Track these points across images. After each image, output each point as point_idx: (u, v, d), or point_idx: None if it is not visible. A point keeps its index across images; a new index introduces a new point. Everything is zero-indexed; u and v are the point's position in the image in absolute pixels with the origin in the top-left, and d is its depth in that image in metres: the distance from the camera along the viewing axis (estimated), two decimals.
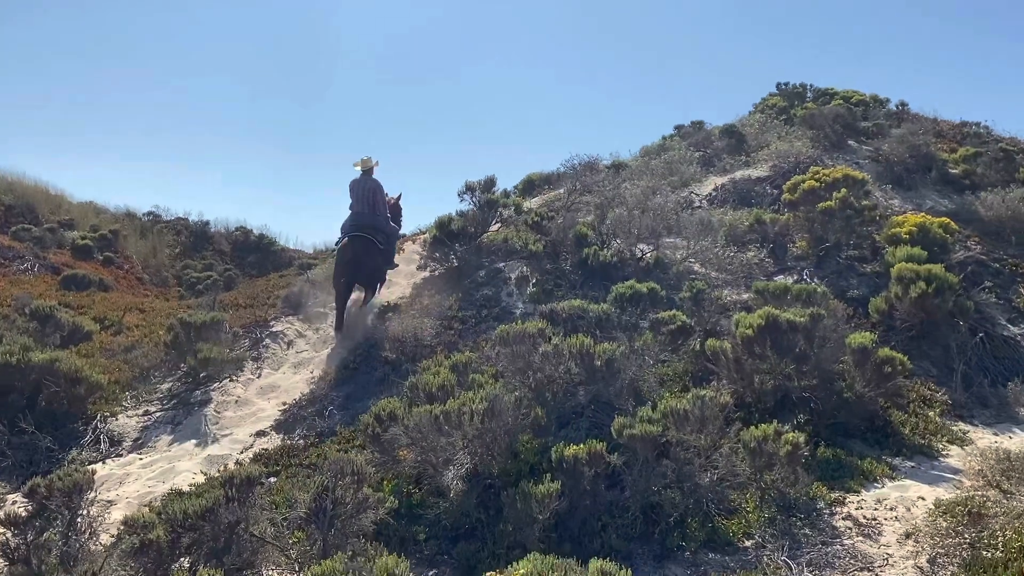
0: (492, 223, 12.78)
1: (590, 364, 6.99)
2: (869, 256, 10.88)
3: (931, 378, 8.49)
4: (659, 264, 10.76)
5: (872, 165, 14.76)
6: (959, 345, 8.88)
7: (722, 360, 7.56)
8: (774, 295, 8.59)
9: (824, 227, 11.17)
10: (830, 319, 7.76)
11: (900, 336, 8.92)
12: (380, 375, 9.00)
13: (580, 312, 8.22)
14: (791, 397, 7.25)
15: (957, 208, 13.01)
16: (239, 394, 9.45)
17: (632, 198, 12.83)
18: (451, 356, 7.97)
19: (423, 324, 9.76)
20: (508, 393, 6.45)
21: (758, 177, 14.45)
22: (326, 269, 13.67)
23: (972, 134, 17.20)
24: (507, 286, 11.03)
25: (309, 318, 11.48)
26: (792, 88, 21.29)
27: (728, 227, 11.84)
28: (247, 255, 21.28)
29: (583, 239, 11.20)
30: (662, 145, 18.77)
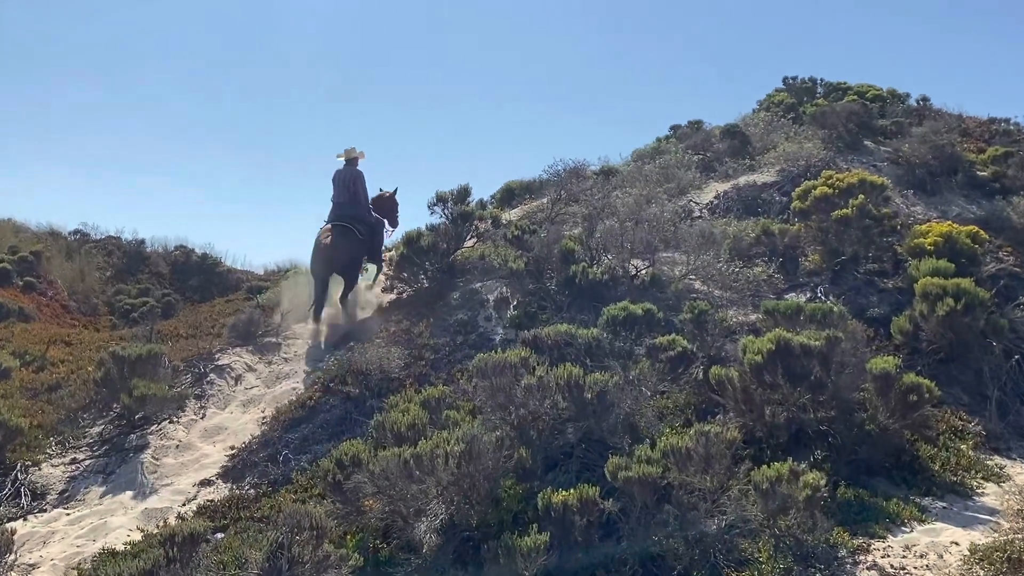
0: (467, 238, 12.79)
1: (580, 397, 6.97)
2: (890, 270, 10.98)
3: (962, 406, 8.55)
4: (655, 282, 10.80)
5: (891, 168, 14.93)
6: (992, 369, 8.95)
7: (728, 390, 7.56)
8: (785, 316, 8.63)
9: (839, 238, 11.26)
10: (848, 342, 7.79)
11: (926, 360, 8.98)
12: (341, 413, 8.95)
13: (567, 338, 8.20)
14: (806, 431, 7.26)
15: (987, 215, 13.15)
16: (180, 438, 9.36)
17: (624, 208, 12.89)
18: (422, 390, 7.93)
19: (390, 354, 9.72)
20: (488, 432, 6.42)
21: (764, 183, 14.57)
22: (278, 293, 13.63)
23: (1001, 132, 17.45)
24: (485, 309, 11.03)
25: (260, 349, 11.41)
26: (800, 83, 21.53)
27: (732, 239, 11.91)
28: (189, 278, 21.16)
29: (570, 255, 11.21)
30: (657, 148, 18.91)
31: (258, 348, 11.45)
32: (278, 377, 10.61)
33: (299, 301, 12.66)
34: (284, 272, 18.31)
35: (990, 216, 13.06)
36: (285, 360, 11.10)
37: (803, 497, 5.89)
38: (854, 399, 7.47)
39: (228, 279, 21.10)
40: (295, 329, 11.97)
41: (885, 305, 10.23)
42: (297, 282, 14.11)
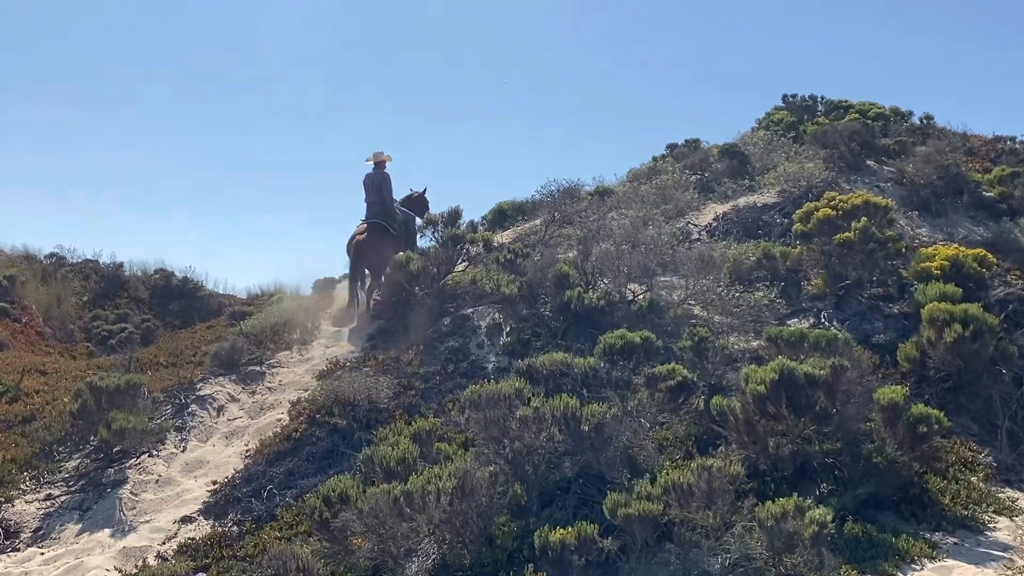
0: (458, 262, 12.79)
1: (576, 430, 6.96)
2: (895, 295, 11.00)
3: (972, 437, 8.55)
4: (653, 307, 10.78)
5: (895, 189, 15.00)
6: (1003, 397, 8.95)
7: (730, 421, 7.55)
8: (788, 343, 8.63)
9: (843, 262, 11.29)
10: (854, 371, 7.80)
11: (934, 388, 9.00)
12: (328, 446, 8.90)
13: (563, 368, 8.19)
14: (812, 463, 7.26)
15: (994, 237, 13.21)
16: (160, 472, 9.29)
17: (620, 230, 12.89)
18: (412, 422, 7.91)
19: (379, 383, 9.69)
20: (481, 467, 6.40)
21: (765, 204, 14.61)
22: (263, 318, 13.60)
23: (1008, 151, 17.57)
24: (477, 336, 11.01)
25: (243, 379, 11.36)
26: (800, 100, 21.67)
27: (732, 263, 11.92)
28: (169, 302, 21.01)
29: (564, 279, 11.21)
30: (653, 167, 18.93)
31: (241, 377, 11.39)
32: (262, 408, 10.55)
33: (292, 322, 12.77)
34: (268, 296, 18.25)
35: (997, 238, 13.12)
36: (269, 390, 11.04)
37: (809, 534, 5.86)
38: (861, 430, 7.47)
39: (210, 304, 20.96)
40: (280, 357, 11.93)
41: (891, 331, 10.25)
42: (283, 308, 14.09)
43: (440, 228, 12.91)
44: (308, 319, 13.19)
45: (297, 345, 12.34)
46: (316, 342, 12.45)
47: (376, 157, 13.88)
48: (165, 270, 22.61)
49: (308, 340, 12.51)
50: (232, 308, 18.60)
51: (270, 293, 18.53)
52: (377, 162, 13.89)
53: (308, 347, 12.29)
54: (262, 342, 12.53)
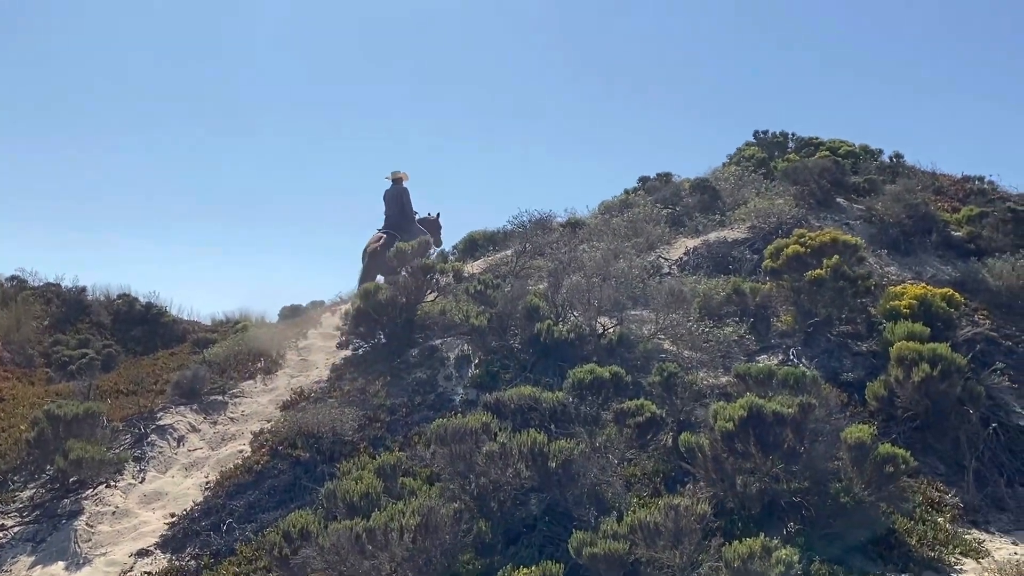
0: (427, 292, 12.74)
1: (543, 466, 6.92)
2: (864, 333, 11.08)
3: (939, 477, 8.61)
4: (623, 341, 10.79)
5: (864, 227, 15.17)
6: (970, 437, 9.04)
7: (699, 458, 7.54)
8: (757, 380, 8.65)
9: (812, 299, 11.36)
10: (822, 409, 7.83)
11: (902, 427, 9.05)
12: (290, 479, 8.80)
13: (531, 402, 8.16)
14: (779, 502, 7.25)
15: (962, 276, 13.38)
16: (117, 503, 9.14)
17: (591, 263, 12.93)
18: (377, 456, 7.85)
19: (343, 415, 9.60)
20: (446, 503, 6.34)
21: (735, 239, 14.72)
22: (228, 346, 13.49)
23: (976, 191, 17.84)
24: (445, 368, 10.96)
25: (205, 408, 11.23)
26: (772, 137, 21.92)
27: (702, 297, 11.96)
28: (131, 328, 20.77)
29: (534, 311, 11.20)
30: (625, 200, 19.04)
31: (203, 407, 11.25)
32: (223, 439, 10.43)
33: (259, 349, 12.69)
34: (234, 323, 18.11)
35: (965, 278, 13.28)
36: (231, 420, 10.92)
37: (776, 574, 5.84)
38: (828, 469, 7.48)
39: (173, 330, 20.75)
40: (243, 387, 11.81)
41: (859, 369, 10.31)
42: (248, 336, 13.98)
43: (409, 258, 12.86)
44: (273, 348, 13.08)
45: (261, 374, 12.23)
46: (281, 371, 12.35)
47: (395, 175, 15.68)
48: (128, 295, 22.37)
49: (273, 369, 12.41)
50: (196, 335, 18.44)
51: (235, 320, 18.40)
52: (395, 179, 15.65)
53: (273, 376, 12.18)
54: (225, 371, 12.41)
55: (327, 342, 13.26)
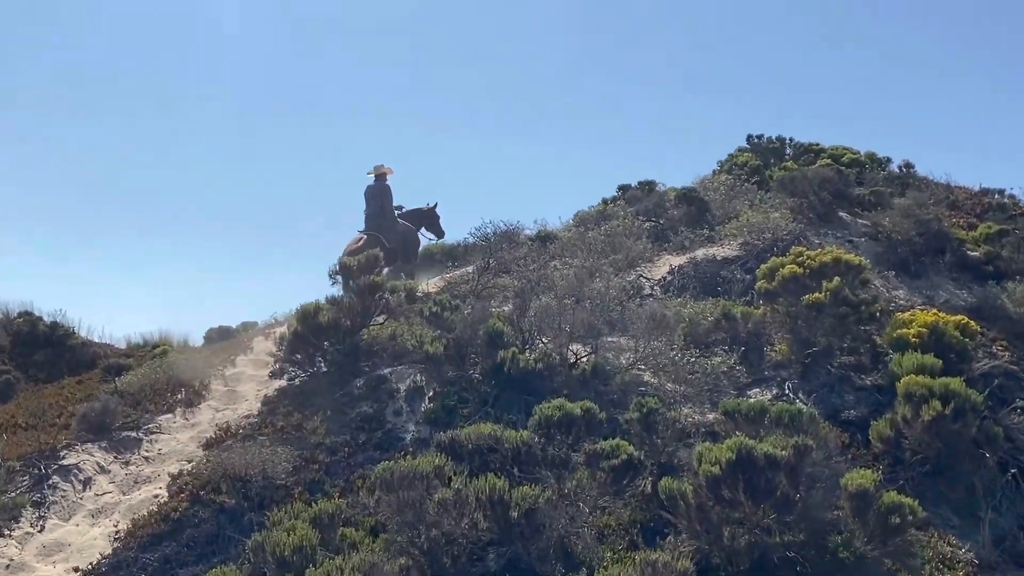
0: (375, 314, 12.71)
1: (504, 516, 6.91)
2: (868, 364, 11.17)
3: (951, 529, 8.66)
4: (598, 372, 10.82)
5: (870, 245, 15.32)
6: (986, 485, 9.10)
7: (681, 507, 7.56)
8: (747, 418, 8.70)
9: (810, 326, 11.44)
10: (820, 451, 7.89)
11: (910, 472, 9.11)
12: (213, 529, 8.70)
13: (492, 442, 8.16)
14: (771, 557, 7.27)
15: (979, 302, 13.53)
16: (12, 555, 9.01)
17: (563, 282, 12.95)
18: (313, 503, 7.77)
19: (276, 456, 9.53)
20: (391, 559, 6.31)
21: (725, 257, 14.82)
22: (144, 373, 13.36)
23: (995, 205, 18.11)
24: (394, 401, 10.92)
25: (116, 446, 11.11)
26: (767, 142, 22.15)
27: (688, 323, 12.03)
28: (34, 352, 20.45)
29: (498, 337, 11.20)
30: (602, 211, 19.11)
31: (114, 444, 11.13)
32: (137, 481, 10.32)
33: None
34: (152, 347, 17.93)
35: (982, 304, 13.42)
36: (146, 460, 10.81)
37: None
38: (826, 520, 7.53)
39: (82, 354, 20.46)
40: (161, 421, 11.70)
41: (863, 406, 10.38)
42: (168, 362, 13.85)
43: (356, 274, 12.82)
44: (197, 376, 12.97)
45: (182, 407, 12.12)
46: (205, 404, 12.25)
47: (377, 170, 16.54)
48: (31, 314, 22.07)
49: (195, 401, 12.31)
50: (108, 360, 18.21)
51: (154, 343, 18.21)
52: (379, 175, 16.55)
53: (195, 409, 12.08)
54: (141, 402, 12.28)
55: (259, 370, 13.17)
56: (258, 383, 12.65)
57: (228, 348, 15.29)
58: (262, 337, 15.15)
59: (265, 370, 12.90)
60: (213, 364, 13.80)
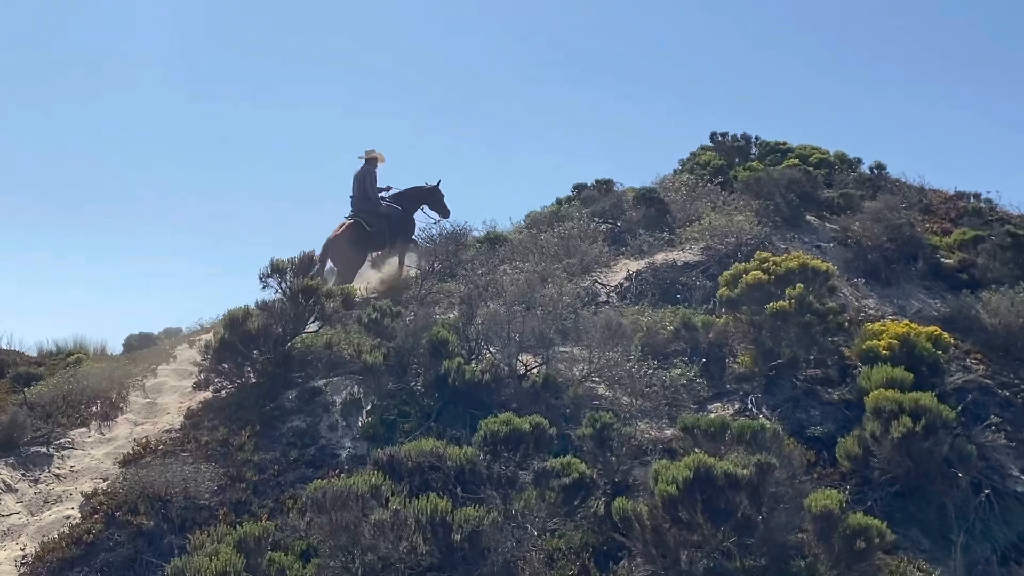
0: (310, 320, 12.63)
1: (446, 539, 6.90)
2: (836, 378, 11.31)
3: (921, 553, 8.75)
4: (549, 385, 10.83)
5: (838, 251, 15.51)
6: (958, 505, 9.22)
7: (635, 529, 7.59)
8: (707, 434, 8.75)
9: (775, 336, 11.55)
10: (784, 470, 7.94)
11: (879, 492, 9.22)
12: (129, 553, 8.61)
13: (434, 459, 8.14)
14: None
15: (952, 312, 13.75)
16: None
17: (513, 288, 12.97)
18: (239, 525, 7.70)
19: (199, 474, 9.44)
20: None
21: (686, 262, 14.93)
22: (56, 384, 13.16)
23: (971, 210, 18.41)
24: (329, 415, 10.87)
25: (24, 462, 10.92)
26: (732, 140, 22.32)
27: (645, 332, 12.09)
28: None
29: (442, 346, 11.20)
30: (556, 212, 19.19)
31: (22, 460, 10.94)
32: (47, 501, 10.15)
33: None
34: (66, 355, 17.67)
35: (956, 314, 13.64)
36: (58, 478, 10.64)
37: None
38: (790, 543, 7.58)
39: None
40: (74, 436, 11.53)
41: (829, 422, 10.50)
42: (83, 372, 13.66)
43: (289, 278, 12.71)
44: (114, 387, 12.81)
45: (97, 420, 11.95)
46: (122, 417, 12.09)
47: (368, 154, 17.31)
48: None
49: (112, 414, 12.14)
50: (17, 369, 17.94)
51: (68, 351, 17.95)
52: (368, 158, 17.30)
53: (112, 423, 11.92)
54: (52, 415, 12.09)
55: (182, 381, 13.03)
56: (181, 395, 12.52)
57: (149, 357, 15.11)
58: (186, 345, 15.00)
59: (189, 380, 12.77)
60: (132, 374, 13.63)
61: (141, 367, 14.12)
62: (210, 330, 13.93)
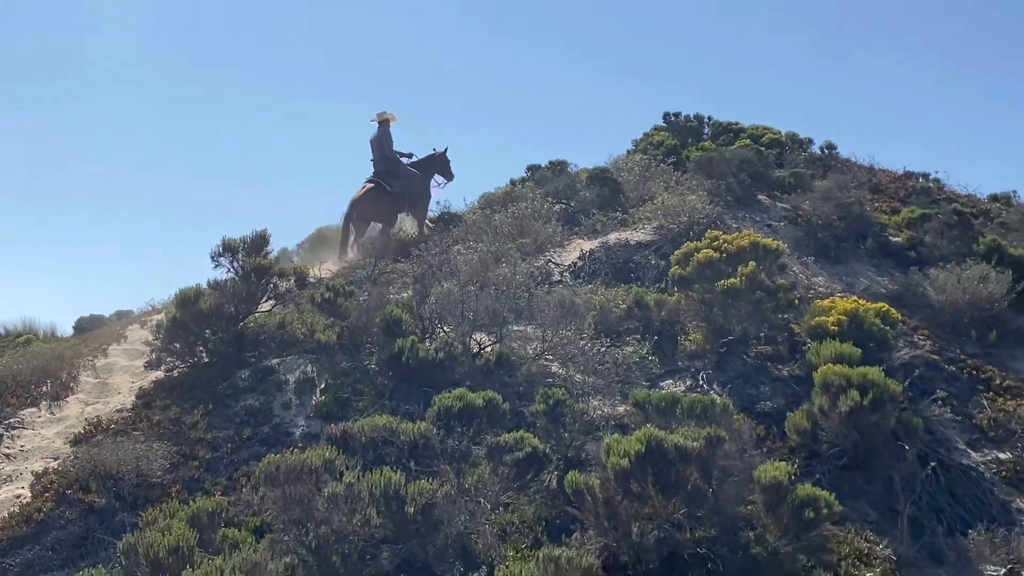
0: (263, 300, 12.58)
1: (400, 512, 6.93)
2: (786, 354, 11.45)
3: (869, 524, 8.91)
4: (503, 362, 10.89)
5: (789, 229, 15.65)
6: (905, 478, 9.37)
7: (588, 502, 7.65)
8: (659, 409, 8.83)
9: (726, 313, 11.67)
10: (733, 443, 8.05)
11: (827, 465, 9.35)
12: (81, 531, 8.57)
13: (387, 434, 8.17)
14: (681, 554, 7.40)
15: (900, 289, 13.95)
16: None
17: (467, 267, 12.98)
18: (192, 501, 7.69)
19: (151, 452, 9.40)
20: (275, 558, 6.28)
21: (639, 242, 15.00)
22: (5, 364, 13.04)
23: (919, 189, 18.66)
24: (283, 393, 10.86)
25: None
26: (684, 120, 22.40)
27: (598, 311, 12.15)
28: None
29: (396, 325, 11.20)
30: (510, 192, 19.22)
31: None
32: None
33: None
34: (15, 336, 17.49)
35: (904, 291, 13.85)
36: (7, 457, 10.54)
37: None
38: (739, 514, 7.69)
39: None
40: (24, 416, 11.43)
41: (779, 397, 10.63)
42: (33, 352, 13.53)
43: (241, 257, 12.64)
44: (64, 367, 12.69)
45: (48, 400, 11.84)
46: (73, 397, 11.99)
47: (380, 116, 17.81)
48: None
49: (63, 394, 12.02)
50: None
51: (17, 332, 17.76)
52: (381, 121, 17.81)
53: (62, 403, 11.81)
54: (1, 395, 11.97)
55: (134, 361, 12.93)
56: (133, 375, 12.43)
57: (100, 337, 14.97)
58: (138, 325, 14.87)
59: (140, 361, 12.68)
60: (83, 354, 13.50)
61: (92, 347, 13.99)
62: (162, 311, 13.80)
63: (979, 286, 13.11)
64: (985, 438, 10.74)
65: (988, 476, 10.09)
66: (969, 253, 14.81)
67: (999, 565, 8.67)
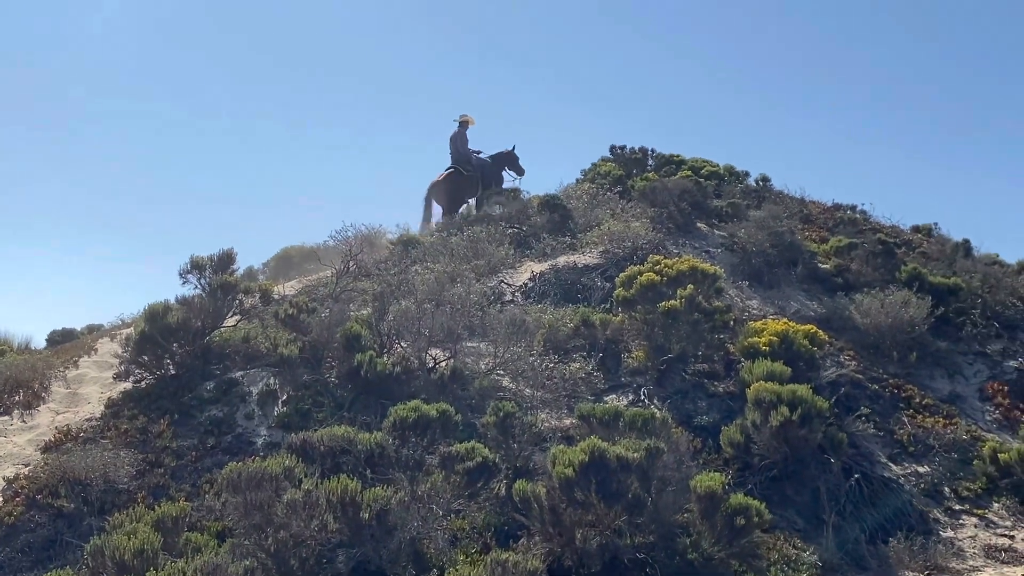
0: (228, 315, 12.49)
1: (355, 517, 6.90)
2: (722, 372, 11.54)
3: (796, 532, 9.00)
4: (457, 377, 10.88)
5: (726, 255, 15.78)
6: (830, 489, 9.50)
7: (535, 509, 7.67)
8: (602, 422, 8.88)
9: (666, 333, 11.75)
10: (672, 454, 8.11)
11: (758, 476, 9.45)
12: (49, 534, 8.47)
13: (345, 444, 8.14)
14: (622, 559, 7.44)
15: (828, 313, 14.12)
16: None
17: (424, 287, 12.98)
18: (157, 506, 7.61)
19: (118, 459, 9.30)
20: (235, 561, 6.22)
21: (586, 265, 15.06)
22: None
23: (846, 220, 18.90)
24: (246, 404, 10.77)
25: None
26: (630, 153, 22.52)
27: (547, 329, 12.18)
28: None
29: (355, 341, 11.15)
30: (466, 217, 19.22)
31: None
32: None
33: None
34: None
35: (831, 314, 14.01)
36: None
37: None
38: (676, 522, 7.74)
39: None
40: None
41: (715, 412, 10.72)
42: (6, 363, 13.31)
43: (208, 274, 12.55)
44: (36, 378, 12.50)
45: (19, 409, 11.65)
46: (44, 406, 11.80)
47: (462, 118, 20.86)
48: None
49: (34, 404, 11.83)
50: None
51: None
52: (461, 121, 20.80)
53: (34, 412, 11.62)
54: None
55: (103, 372, 12.76)
56: (102, 385, 12.27)
57: (71, 349, 14.76)
58: (108, 338, 14.68)
59: (110, 372, 12.52)
60: (54, 365, 13.31)
61: (63, 359, 13.79)
62: (131, 325, 13.64)
63: (901, 311, 13.26)
64: (905, 452, 10.89)
65: (908, 488, 10.23)
66: (892, 280, 15.03)
67: (917, 571, 8.81)
